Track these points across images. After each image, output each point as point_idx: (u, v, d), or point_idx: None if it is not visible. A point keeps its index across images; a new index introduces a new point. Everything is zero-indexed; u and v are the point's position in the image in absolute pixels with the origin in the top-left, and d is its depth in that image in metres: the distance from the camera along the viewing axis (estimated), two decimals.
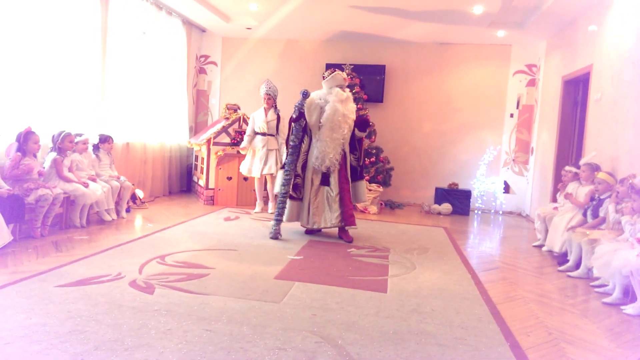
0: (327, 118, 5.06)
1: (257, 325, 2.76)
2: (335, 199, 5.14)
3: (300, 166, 5.21)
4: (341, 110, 5.06)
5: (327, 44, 8.72)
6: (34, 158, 4.65)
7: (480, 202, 8.42)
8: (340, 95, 5.12)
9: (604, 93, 5.33)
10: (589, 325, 3.17)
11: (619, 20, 5.11)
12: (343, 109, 5.09)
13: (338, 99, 5.09)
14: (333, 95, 5.11)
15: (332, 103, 5.08)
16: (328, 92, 5.16)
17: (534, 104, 8.23)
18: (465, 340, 2.76)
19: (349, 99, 5.23)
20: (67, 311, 2.78)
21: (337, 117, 5.04)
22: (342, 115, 5.06)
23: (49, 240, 4.44)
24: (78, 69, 5.63)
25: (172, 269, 3.78)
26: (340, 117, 5.05)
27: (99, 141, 5.75)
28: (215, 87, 9.13)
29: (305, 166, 5.23)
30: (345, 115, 5.09)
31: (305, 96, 5.15)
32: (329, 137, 5.07)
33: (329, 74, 5.26)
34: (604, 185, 4.54)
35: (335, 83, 5.17)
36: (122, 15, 6.33)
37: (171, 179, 8.06)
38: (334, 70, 5.31)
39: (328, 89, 5.19)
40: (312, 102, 5.18)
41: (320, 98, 5.19)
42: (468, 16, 6.82)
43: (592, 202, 4.71)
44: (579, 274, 4.31)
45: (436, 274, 4.13)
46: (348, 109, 5.15)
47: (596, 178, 4.64)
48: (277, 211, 5.15)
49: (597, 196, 4.64)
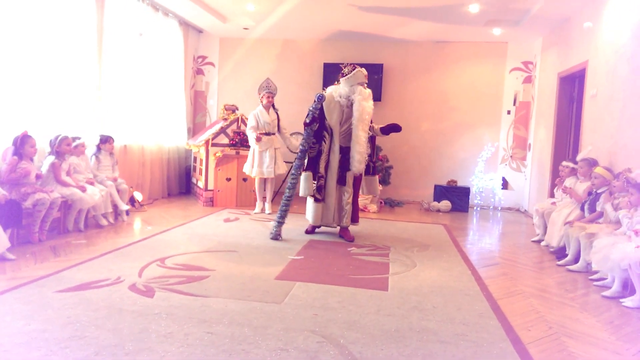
0: (359, 119, 4.95)
1: (258, 327, 2.76)
2: (349, 200, 5.16)
3: (323, 167, 5.16)
4: (368, 109, 5.02)
5: (325, 43, 8.71)
6: (31, 162, 4.63)
7: (479, 199, 8.43)
8: (364, 93, 5.05)
9: (600, 89, 5.34)
10: (589, 318, 3.18)
11: (614, 17, 5.12)
12: (369, 107, 5.05)
13: (364, 98, 5.02)
14: (357, 93, 5.00)
15: (358, 103, 4.97)
16: (350, 90, 5.04)
17: (530, 101, 8.25)
18: (467, 336, 2.76)
19: (370, 95, 5.16)
20: (67, 317, 2.77)
21: (366, 116, 4.99)
22: (369, 114, 5.03)
23: (47, 245, 4.43)
24: (74, 72, 5.61)
25: (172, 271, 3.77)
26: (368, 116, 5.01)
27: (99, 142, 5.74)
28: (213, 87, 9.12)
29: (327, 166, 5.19)
30: (370, 113, 5.06)
31: (321, 100, 5.04)
32: (364, 138, 5.00)
33: (349, 70, 5.10)
34: (600, 180, 4.55)
35: (357, 80, 5.05)
36: (118, 16, 6.32)
37: (170, 181, 8.04)
38: (354, 66, 5.12)
39: (349, 87, 5.06)
40: (331, 100, 5.10)
41: (340, 96, 5.10)
42: (464, 15, 6.82)
43: (589, 196, 4.73)
44: (578, 268, 4.32)
45: (436, 271, 4.14)
46: (370, 107, 5.12)
47: (593, 172, 4.65)
48: (279, 213, 5.09)
49: (594, 190, 4.65)
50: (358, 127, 4.97)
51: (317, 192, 5.17)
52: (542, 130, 7.47)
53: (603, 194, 4.48)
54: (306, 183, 5.16)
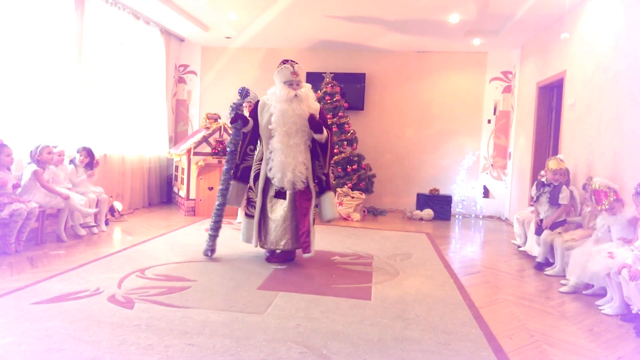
0: (277, 122, 4.26)
1: (240, 338, 2.72)
2: (287, 216, 4.34)
3: (252, 177, 4.50)
4: (290, 111, 4.26)
5: (307, 52, 8.75)
6: (8, 171, 4.53)
7: (461, 207, 8.51)
8: (284, 94, 4.28)
9: (578, 98, 5.46)
10: (569, 326, 3.22)
11: (590, 28, 5.25)
12: (296, 108, 4.26)
13: (281, 99, 4.28)
14: (277, 94, 4.33)
15: (276, 104, 4.30)
16: (274, 91, 4.41)
17: (510, 110, 8.38)
18: (450, 345, 2.77)
19: (303, 97, 4.32)
20: (44, 329, 2.70)
21: (289, 118, 4.25)
22: (295, 116, 4.26)
23: (24, 256, 4.32)
24: (53, 80, 5.53)
25: (152, 282, 3.71)
26: (293, 119, 4.25)
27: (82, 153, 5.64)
28: (195, 96, 9.07)
29: (257, 177, 4.47)
30: (301, 115, 4.27)
31: (242, 94, 4.51)
32: (285, 144, 4.27)
33: (276, 68, 4.43)
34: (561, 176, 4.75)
35: (282, 79, 4.35)
36: (98, 24, 6.25)
37: (151, 190, 7.94)
38: (284, 62, 4.41)
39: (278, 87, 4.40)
40: (264, 103, 4.45)
41: (268, 99, 4.43)
42: (444, 25, 6.93)
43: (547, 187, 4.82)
44: (556, 272, 4.42)
45: (419, 279, 4.15)
46: (303, 109, 4.29)
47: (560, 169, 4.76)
48: (211, 225, 4.56)
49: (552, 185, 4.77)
50: (277, 132, 4.28)
51: (247, 205, 4.53)
52: (522, 139, 7.59)
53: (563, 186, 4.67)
54: (230, 191, 4.52)
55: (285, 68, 4.35)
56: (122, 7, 6.71)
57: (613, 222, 3.86)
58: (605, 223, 3.93)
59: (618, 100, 4.52)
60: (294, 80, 4.34)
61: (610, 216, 3.87)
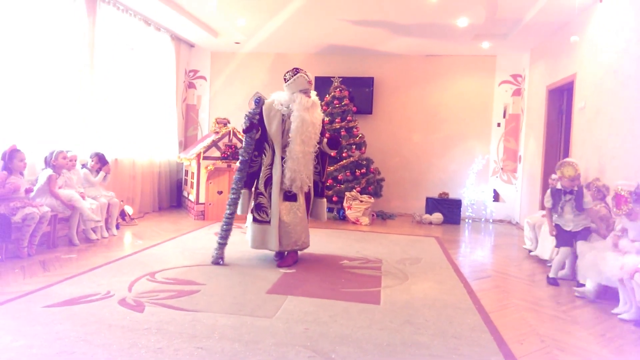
0: (296, 131, 4.39)
1: (249, 342, 2.73)
2: (304, 217, 4.56)
3: (263, 182, 4.53)
4: (309, 120, 4.43)
5: (316, 57, 8.78)
6: (21, 176, 4.60)
7: (470, 211, 8.47)
8: (305, 102, 4.45)
9: (588, 102, 5.42)
10: (581, 331, 3.18)
11: (600, 31, 5.22)
12: (311, 117, 4.46)
13: (303, 107, 4.43)
14: (297, 103, 4.44)
15: (296, 113, 4.41)
16: (290, 98, 4.50)
17: (520, 113, 8.34)
18: (459, 350, 2.75)
19: (315, 105, 4.55)
20: (55, 332, 2.73)
21: (307, 128, 4.42)
22: (311, 125, 4.45)
23: (36, 260, 4.37)
24: (65, 85, 5.60)
25: (163, 286, 3.73)
26: (311, 128, 4.44)
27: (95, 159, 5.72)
28: (205, 101, 9.14)
29: (269, 182, 4.53)
30: (314, 124, 4.48)
31: (258, 103, 4.51)
32: (301, 153, 4.42)
33: (290, 76, 4.54)
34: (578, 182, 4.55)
35: (299, 87, 4.49)
36: (110, 30, 6.33)
37: (161, 194, 8.00)
38: (297, 71, 4.55)
39: (290, 94, 4.52)
40: (271, 108, 4.51)
41: (282, 104, 4.52)
42: (453, 29, 6.92)
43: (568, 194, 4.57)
44: (564, 275, 4.37)
45: (429, 284, 4.13)
46: (315, 117, 4.51)
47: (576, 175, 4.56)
48: (220, 234, 4.54)
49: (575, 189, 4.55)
50: (294, 141, 4.41)
51: (256, 211, 4.56)
52: (532, 143, 7.54)
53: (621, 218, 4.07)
54: (241, 200, 4.55)
55: (301, 77, 4.53)
56: (133, 13, 6.80)
57: (632, 227, 3.80)
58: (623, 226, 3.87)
59: (629, 104, 4.48)
60: (309, 88, 4.58)
61: (629, 221, 3.81)
